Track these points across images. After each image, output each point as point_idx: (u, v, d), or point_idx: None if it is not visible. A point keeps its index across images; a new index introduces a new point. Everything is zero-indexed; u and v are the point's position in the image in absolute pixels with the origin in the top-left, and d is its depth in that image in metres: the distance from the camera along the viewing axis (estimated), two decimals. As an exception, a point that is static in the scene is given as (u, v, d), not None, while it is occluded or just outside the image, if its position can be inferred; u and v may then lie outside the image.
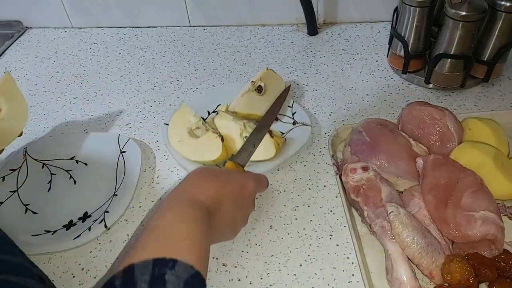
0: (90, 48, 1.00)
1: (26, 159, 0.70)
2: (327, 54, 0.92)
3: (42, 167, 0.70)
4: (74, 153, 0.72)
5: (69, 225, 0.62)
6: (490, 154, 0.60)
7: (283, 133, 0.71)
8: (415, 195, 0.58)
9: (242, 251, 0.58)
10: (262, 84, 0.75)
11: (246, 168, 0.59)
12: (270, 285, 0.54)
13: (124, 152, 0.70)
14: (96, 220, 0.61)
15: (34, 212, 0.64)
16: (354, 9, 0.98)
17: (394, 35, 0.81)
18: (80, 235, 0.59)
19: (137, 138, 0.76)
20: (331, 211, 0.62)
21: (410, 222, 0.52)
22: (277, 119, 0.74)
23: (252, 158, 0.62)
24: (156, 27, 1.04)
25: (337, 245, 0.57)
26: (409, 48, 0.79)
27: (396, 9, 0.81)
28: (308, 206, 0.62)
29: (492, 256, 0.52)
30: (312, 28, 0.97)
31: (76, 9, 1.04)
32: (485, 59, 0.76)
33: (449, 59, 0.75)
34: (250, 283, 0.54)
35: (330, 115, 0.77)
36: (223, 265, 0.56)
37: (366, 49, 0.93)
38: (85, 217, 0.63)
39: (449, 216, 0.54)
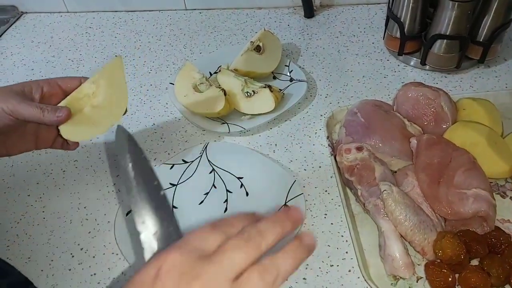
0: (86, 32, 1.00)
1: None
2: (323, 36, 0.92)
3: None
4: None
5: None
6: (484, 133, 0.61)
7: (281, 89, 0.76)
8: (408, 174, 0.59)
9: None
10: (261, 44, 0.81)
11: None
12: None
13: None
14: None
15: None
16: (351, -9, 0.98)
17: (390, 16, 0.80)
18: None
19: (134, 121, 0.76)
20: (325, 191, 0.62)
21: (403, 200, 0.53)
22: (275, 77, 0.81)
23: (253, 111, 0.72)
24: (151, 10, 1.04)
25: (332, 223, 0.58)
26: (405, 29, 0.79)
27: (392, -10, 0.81)
28: (304, 187, 0.63)
29: (483, 233, 0.53)
30: (309, 10, 0.97)
31: (71, -7, 1.03)
32: (480, 40, 0.76)
33: (445, 40, 0.75)
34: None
35: (326, 97, 0.78)
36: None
37: (362, 31, 0.92)
38: None
39: (441, 194, 0.55)
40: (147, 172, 0.35)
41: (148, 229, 0.33)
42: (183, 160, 0.66)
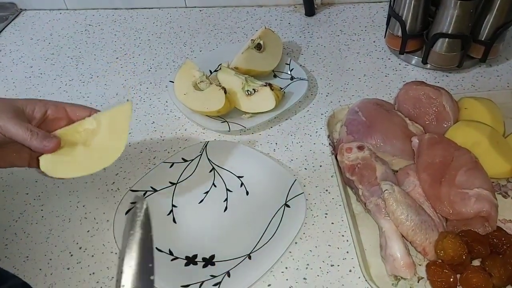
0: (85, 29, 0.99)
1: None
2: (324, 35, 0.92)
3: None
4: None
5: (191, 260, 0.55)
6: (486, 133, 0.60)
7: (281, 88, 0.75)
8: (410, 174, 0.58)
9: (238, 230, 0.58)
10: (261, 42, 0.80)
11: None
12: (266, 262, 0.54)
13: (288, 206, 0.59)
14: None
15: (174, 221, 0.59)
16: (352, -11, 0.97)
17: (392, 14, 0.80)
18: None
19: (133, 120, 0.76)
20: (326, 190, 0.62)
21: (404, 199, 0.52)
22: (275, 75, 0.81)
23: (254, 110, 0.72)
24: (151, 8, 1.03)
25: (332, 223, 0.58)
26: (407, 28, 0.79)
27: (394, -12, 0.81)
28: (304, 186, 0.63)
29: (485, 233, 0.53)
30: (310, 8, 0.96)
31: (70, -10, 1.03)
32: (482, 39, 0.76)
33: (447, 39, 0.75)
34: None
35: (327, 96, 0.77)
36: (219, 243, 0.57)
37: (363, 29, 0.92)
38: (210, 260, 0.55)
39: (443, 193, 0.54)
40: (148, 253, 0.40)
41: None
42: (182, 159, 0.66)
